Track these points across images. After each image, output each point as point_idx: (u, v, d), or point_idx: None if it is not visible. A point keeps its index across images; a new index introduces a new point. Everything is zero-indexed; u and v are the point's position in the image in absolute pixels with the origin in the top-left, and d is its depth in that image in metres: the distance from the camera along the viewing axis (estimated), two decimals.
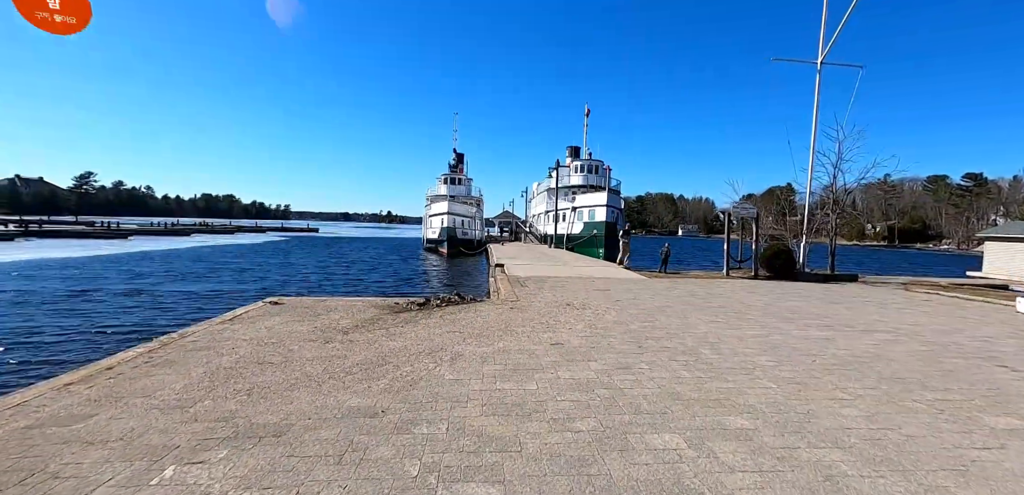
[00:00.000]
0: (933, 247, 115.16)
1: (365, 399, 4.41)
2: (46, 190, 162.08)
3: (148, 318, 12.77)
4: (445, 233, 42.43)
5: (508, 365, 5.58)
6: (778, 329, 8.20)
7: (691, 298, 11.86)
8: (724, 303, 11.20)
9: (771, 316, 9.58)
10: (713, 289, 13.88)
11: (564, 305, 10.17)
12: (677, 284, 14.95)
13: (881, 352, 6.77)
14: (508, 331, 7.47)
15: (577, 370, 5.43)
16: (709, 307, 10.51)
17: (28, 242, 42.74)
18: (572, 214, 42.23)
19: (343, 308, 9.32)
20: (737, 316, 9.44)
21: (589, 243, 38.00)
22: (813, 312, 10.30)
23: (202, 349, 6.12)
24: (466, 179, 57.57)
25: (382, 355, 5.93)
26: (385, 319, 8.31)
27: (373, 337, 6.92)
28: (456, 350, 6.21)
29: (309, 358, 5.77)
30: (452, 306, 9.85)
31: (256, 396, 4.47)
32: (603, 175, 47.38)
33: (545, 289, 12.84)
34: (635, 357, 6.04)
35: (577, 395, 4.59)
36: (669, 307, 10.30)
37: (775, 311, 10.22)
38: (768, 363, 5.93)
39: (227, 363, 5.53)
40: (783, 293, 13.50)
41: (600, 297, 11.54)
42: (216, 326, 7.49)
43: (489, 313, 9.01)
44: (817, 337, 7.64)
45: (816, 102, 17.47)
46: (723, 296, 12.44)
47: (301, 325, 7.65)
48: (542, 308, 9.73)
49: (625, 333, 7.52)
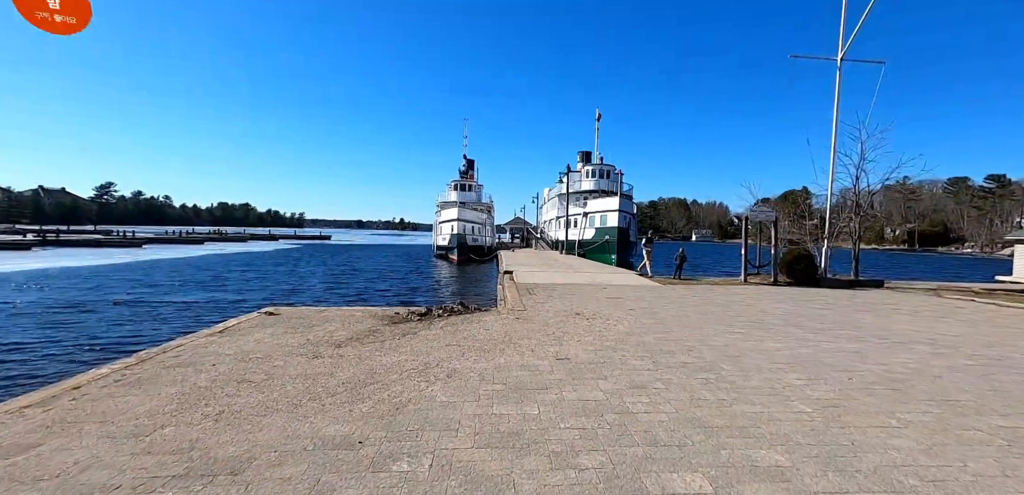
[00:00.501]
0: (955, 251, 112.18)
1: (343, 426, 3.91)
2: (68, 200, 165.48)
3: (138, 330, 12.43)
4: (455, 240, 42.08)
5: (508, 384, 5.05)
6: (805, 341, 7.55)
7: (708, 306, 11.22)
8: (743, 312, 10.56)
9: (795, 326, 8.92)
10: (731, 296, 13.21)
11: (573, 315, 9.62)
12: (693, 291, 14.30)
13: (923, 367, 6.11)
14: (511, 344, 6.95)
15: (585, 390, 4.88)
16: (728, 316, 9.88)
17: (44, 251, 43.29)
18: (584, 220, 41.62)
19: (340, 319, 8.87)
20: (758, 326, 8.81)
21: (601, 249, 37.34)
22: (840, 321, 9.61)
23: (181, 365, 5.69)
24: (477, 185, 57.29)
25: (371, 372, 5.44)
26: (382, 331, 7.84)
27: (365, 352, 6.44)
28: (453, 366, 5.69)
29: (292, 376, 5.31)
30: (454, 316, 9.35)
31: (224, 422, 4.01)
32: (615, 180, 46.74)
33: (554, 297, 12.29)
34: (649, 374, 5.47)
35: (584, 421, 4.05)
36: (685, 316, 9.69)
37: (799, 320, 9.55)
38: (798, 381, 5.32)
39: (203, 382, 5.09)
40: (806, 300, 12.78)
41: (612, 306, 10.96)
42: (203, 339, 7.08)
43: (493, 324, 8.49)
44: (849, 350, 6.99)
45: (836, 100, 16.75)
46: (742, 304, 11.78)
47: (292, 338, 7.21)
48: (550, 318, 9.19)
49: (638, 346, 6.95)
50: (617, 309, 10.48)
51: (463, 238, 42.21)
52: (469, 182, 56.13)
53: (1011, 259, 22.99)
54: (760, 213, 16.81)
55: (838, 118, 16.81)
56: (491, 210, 57.97)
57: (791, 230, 20.54)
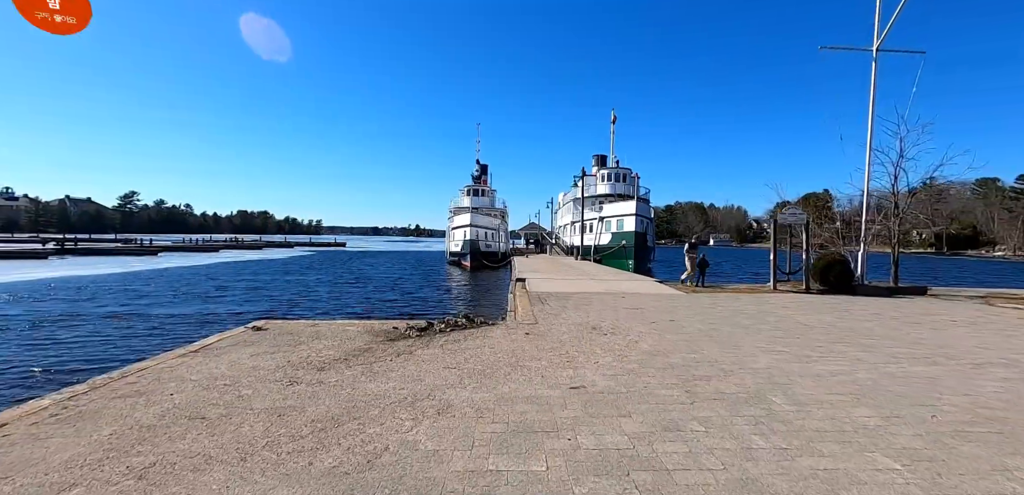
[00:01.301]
0: (986, 254, 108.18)
1: (295, 490, 3.04)
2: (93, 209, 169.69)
3: (116, 348, 11.38)
4: (468, 246, 41.32)
5: (511, 424, 4.14)
6: (860, 361, 6.50)
7: (739, 318, 10.18)
8: (780, 325, 9.49)
9: (844, 342, 7.85)
10: (763, 306, 12.12)
11: (589, 329, 8.67)
12: (719, 300, 13.22)
13: (1017, 398, 5.04)
14: (518, 367, 6.03)
15: (604, 432, 3.95)
16: (763, 330, 8.83)
17: (62, 260, 43.63)
18: (599, 224, 40.56)
19: (331, 335, 8.06)
20: (801, 342, 7.76)
21: (618, 255, 36.22)
22: (892, 336, 8.51)
23: (134, 395, 4.90)
24: (490, 190, 56.55)
25: (350, 406, 4.58)
26: (375, 350, 6.99)
27: (350, 377, 5.59)
28: (446, 398, 4.80)
29: (256, 410, 4.47)
30: (457, 332, 8.47)
31: (149, 481, 3.17)
32: (631, 183, 45.53)
33: (568, 308, 11.35)
34: (682, 409, 4.51)
35: (605, 483, 3.12)
36: (715, 331, 8.67)
37: (846, 335, 8.47)
38: (870, 420, 4.31)
39: (150, 418, 4.28)
40: (846, 311, 11.63)
41: (632, 318, 9.98)
42: (172, 360, 6.31)
43: (499, 341, 7.59)
44: (916, 375, 5.93)
45: (872, 93, 15.53)
46: (776, 315, 10.70)
47: (272, 358, 6.40)
48: (563, 333, 8.26)
49: (665, 369, 5.98)
50: (638, 322, 9.50)
51: (476, 244, 41.42)
52: (482, 187, 55.40)
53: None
54: (790, 216, 15.65)
55: (874, 112, 15.61)
56: (505, 215, 57.22)
57: (817, 233, 19.28)
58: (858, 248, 15.92)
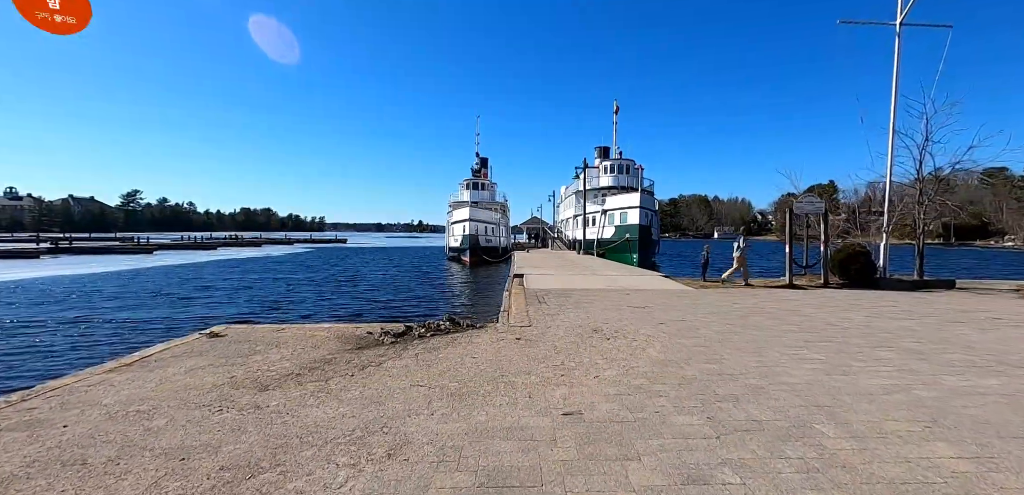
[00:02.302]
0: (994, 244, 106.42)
1: None
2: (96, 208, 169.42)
3: (49, 362, 9.85)
4: (467, 241, 40.22)
5: (480, 475, 3.11)
6: (915, 374, 5.44)
7: (758, 317, 9.12)
8: (805, 324, 8.43)
9: (885, 347, 6.78)
10: (782, 303, 11.05)
11: (589, 333, 7.63)
12: (732, 297, 12.15)
13: None
14: (502, 383, 5.01)
15: (604, 488, 2.92)
16: (788, 332, 7.77)
17: (55, 259, 42.81)
18: (602, 217, 39.39)
19: (295, 341, 7.05)
20: (836, 347, 6.69)
21: (621, 248, 35.10)
22: (937, 338, 7.43)
23: (18, 428, 3.91)
24: (490, 184, 55.34)
25: (280, 444, 3.56)
26: (337, 361, 5.98)
27: (296, 398, 4.57)
28: (404, 431, 3.78)
29: (158, 450, 3.47)
30: (439, 336, 7.45)
31: None
32: (635, 175, 44.37)
33: (567, 307, 10.31)
34: (709, 447, 3.47)
35: None
36: (734, 333, 7.62)
37: (886, 339, 7.40)
38: (958, 463, 3.26)
39: (14, 465, 3.28)
40: (874, 307, 10.55)
41: (637, 318, 8.94)
42: (96, 377, 5.31)
43: (484, 349, 6.56)
44: (989, 390, 4.87)
45: (895, 71, 14.35)
46: (799, 314, 9.63)
47: (213, 374, 5.39)
48: (560, 338, 7.22)
49: (680, 385, 4.94)
50: (645, 323, 8.45)
51: (476, 239, 40.33)
52: (482, 180, 54.15)
53: None
54: (808, 204, 14.52)
55: (897, 91, 14.45)
56: (506, 209, 56.06)
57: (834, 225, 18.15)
58: (879, 240, 14.79)
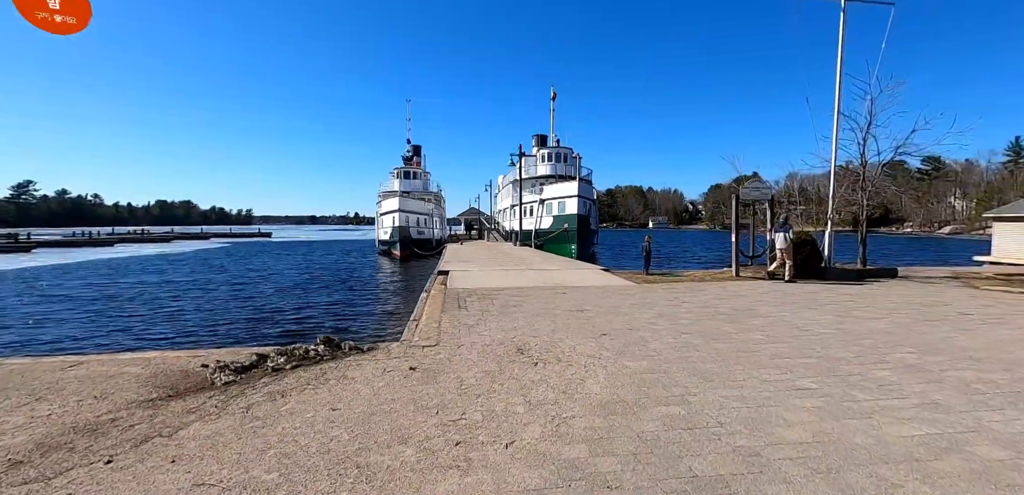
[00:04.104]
0: (896, 230, 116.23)
1: None
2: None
3: None
4: (396, 233, 37.48)
5: None
6: (945, 410, 3.99)
7: (715, 321, 7.65)
8: (770, 329, 7.03)
9: (880, 363, 5.41)
10: (734, 301, 9.76)
11: (512, 354, 5.77)
12: (679, 294, 10.78)
13: None
14: (351, 474, 3.02)
15: None
16: (755, 341, 6.30)
17: None
18: (540, 207, 37.98)
19: (80, 386, 4.70)
20: (826, 368, 5.22)
21: (559, 239, 33.82)
22: (928, 345, 6.22)
23: None
24: (423, 173, 52.50)
25: None
26: (117, 425, 3.77)
27: None
28: None
29: None
30: (304, 367, 5.31)
31: None
32: (573, 163, 43.34)
33: (491, 313, 8.44)
34: None
35: None
36: (692, 348, 6.02)
37: (870, 348, 6.08)
38: None
39: None
40: (837, 304, 9.48)
41: (575, 327, 7.20)
42: None
43: (356, 394, 4.52)
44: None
45: (840, 48, 13.57)
46: (758, 314, 8.30)
47: None
48: (469, 367, 5.30)
49: (636, 458, 3.17)
50: (583, 335, 6.72)
51: (406, 231, 37.64)
52: (415, 169, 51.13)
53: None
54: (755, 190, 13.49)
55: (842, 72, 13.69)
56: (440, 199, 53.59)
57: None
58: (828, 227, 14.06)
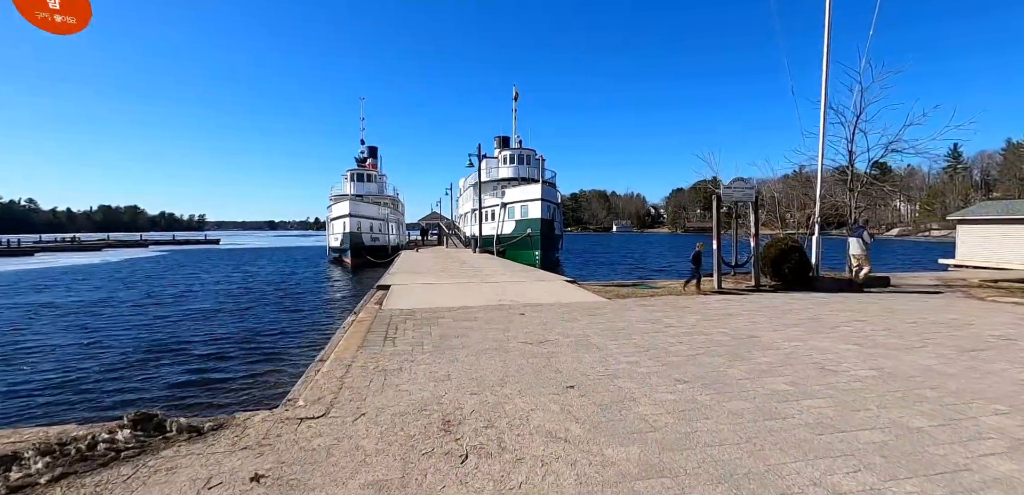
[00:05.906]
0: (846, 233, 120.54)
1: None
2: None
3: None
4: (348, 239, 34.77)
5: None
6: None
7: (713, 358, 5.88)
8: (789, 370, 5.28)
9: (977, 438, 3.71)
10: (728, 324, 8.06)
11: (435, 432, 3.76)
12: (657, 312, 9.04)
13: None
14: None
15: None
16: (777, 392, 4.52)
17: None
18: (502, 211, 36.05)
19: None
20: (909, 449, 3.48)
21: (522, 245, 32.00)
22: (1009, 392, 4.60)
23: None
24: (379, 175, 49.69)
25: None
26: None
27: None
28: None
29: None
30: (75, 477, 3.14)
31: None
32: (536, 166, 41.69)
33: (425, 347, 6.41)
34: None
35: None
36: (700, 409, 4.17)
37: (936, 398, 4.41)
38: None
39: None
40: (848, 324, 7.93)
41: (530, 374, 5.25)
42: None
43: None
44: None
45: (826, 37, 12.31)
46: (762, 343, 6.59)
47: None
48: (359, 465, 3.26)
49: None
50: (540, 389, 4.78)
51: (358, 237, 34.97)
52: (368, 171, 48.24)
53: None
54: (737, 190, 11.98)
55: (829, 62, 12.39)
56: (397, 203, 50.94)
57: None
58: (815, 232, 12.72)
